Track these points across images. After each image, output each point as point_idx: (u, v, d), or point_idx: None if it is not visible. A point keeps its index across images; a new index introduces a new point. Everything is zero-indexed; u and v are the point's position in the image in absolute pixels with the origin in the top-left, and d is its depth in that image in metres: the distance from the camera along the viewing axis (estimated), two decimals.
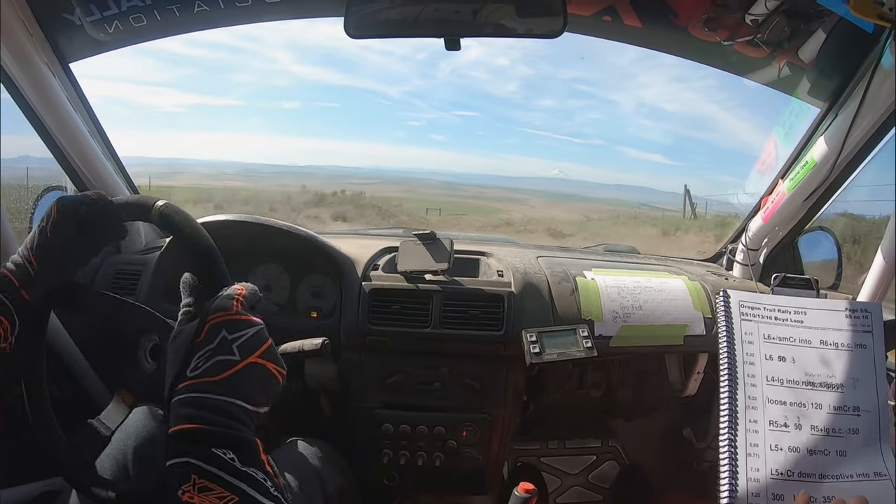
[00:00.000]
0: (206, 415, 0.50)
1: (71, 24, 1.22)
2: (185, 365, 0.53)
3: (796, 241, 1.39)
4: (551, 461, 1.44)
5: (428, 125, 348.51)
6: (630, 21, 1.25)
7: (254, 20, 1.27)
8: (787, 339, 0.89)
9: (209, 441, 0.48)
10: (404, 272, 1.18)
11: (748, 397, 0.86)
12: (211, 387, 0.51)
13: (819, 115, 1.23)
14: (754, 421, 0.85)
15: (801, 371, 0.87)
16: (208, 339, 0.53)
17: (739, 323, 0.91)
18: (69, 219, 0.69)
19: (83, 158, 1.26)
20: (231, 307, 0.55)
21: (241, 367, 0.53)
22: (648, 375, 1.32)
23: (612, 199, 42.95)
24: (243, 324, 0.55)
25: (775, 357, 0.88)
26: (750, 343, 0.89)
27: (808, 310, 0.91)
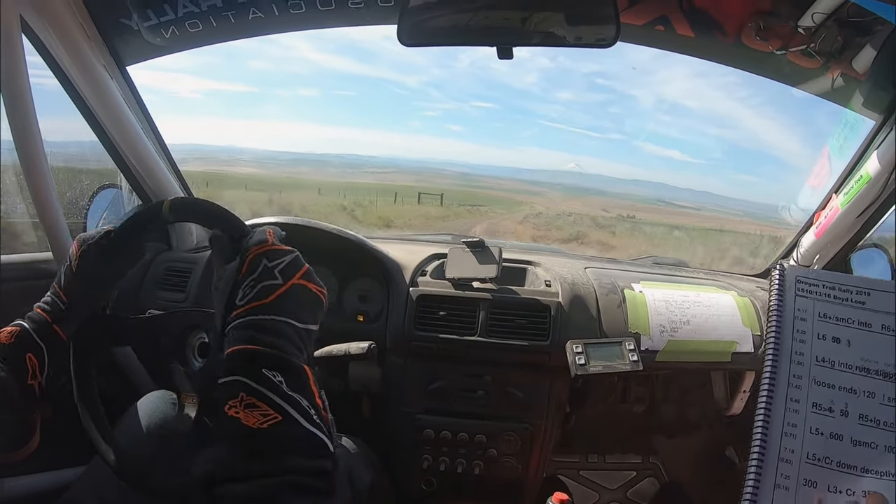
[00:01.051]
0: (259, 335, 0.53)
1: (128, 29, 1.27)
2: (234, 296, 0.56)
3: (849, 259, 1.35)
4: (590, 475, 1.42)
5: (445, 115, 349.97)
6: (683, 31, 1.24)
7: (307, 27, 1.29)
8: (845, 321, 0.84)
9: (261, 361, 0.51)
10: (452, 279, 1.18)
11: (792, 375, 0.82)
12: (261, 308, 0.55)
13: (874, 128, 1.20)
14: (795, 400, 0.81)
15: (856, 355, 0.82)
16: (251, 269, 0.57)
17: (794, 299, 0.86)
18: (92, 252, 0.73)
19: (138, 158, 1.29)
20: (267, 239, 0.60)
21: (286, 289, 0.57)
22: (693, 392, 1.29)
23: (629, 195, 42.46)
24: (280, 252, 0.59)
25: (829, 338, 0.83)
26: (802, 320, 0.85)
27: (873, 290, 0.85)
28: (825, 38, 1.16)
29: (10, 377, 0.66)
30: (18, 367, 0.68)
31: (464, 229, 9.78)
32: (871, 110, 1.22)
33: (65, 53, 1.11)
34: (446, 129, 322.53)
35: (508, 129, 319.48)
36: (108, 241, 0.74)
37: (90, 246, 0.73)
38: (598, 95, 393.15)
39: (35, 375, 0.69)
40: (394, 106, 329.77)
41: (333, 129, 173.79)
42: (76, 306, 0.73)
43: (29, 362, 0.68)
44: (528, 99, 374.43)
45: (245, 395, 0.49)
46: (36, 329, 0.70)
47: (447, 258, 1.21)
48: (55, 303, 0.72)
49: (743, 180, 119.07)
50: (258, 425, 0.48)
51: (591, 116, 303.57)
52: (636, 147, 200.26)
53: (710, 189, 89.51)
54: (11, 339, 0.68)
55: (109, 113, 1.22)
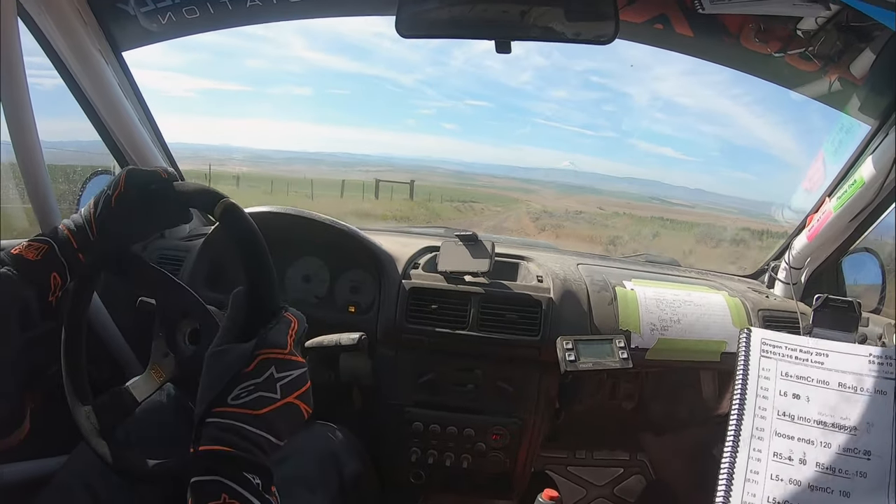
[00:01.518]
0: (240, 442, 0.52)
1: (125, 14, 1.25)
2: (227, 392, 0.54)
3: (840, 262, 1.36)
4: (578, 471, 1.43)
5: (439, 114, 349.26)
6: (682, 30, 1.23)
7: (304, 16, 1.29)
8: (805, 378, 0.91)
9: (241, 465, 0.51)
10: (444, 272, 1.18)
11: (755, 427, 0.89)
12: (249, 419, 0.53)
13: (869, 132, 1.21)
14: (758, 450, 0.88)
15: (814, 410, 0.89)
16: (256, 372, 0.55)
17: (759, 359, 0.94)
18: (135, 192, 0.69)
19: (132, 144, 1.29)
20: (285, 345, 0.57)
21: (279, 406, 0.55)
22: (682, 391, 1.30)
23: (623, 192, 42.61)
24: (292, 364, 0.57)
25: (790, 394, 0.91)
26: (766, 378, 0.92)
27: (831, 352, 0.93)
28: (824, 41, 1.17)
29: (32, 298, 0.66)
30: (42, 286, 0.67)
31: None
32: (866, 115, 1.23)
33: (60, 38, 1.11)
34: (441, 128, 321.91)
35: (503, 127, 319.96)
36: (157, 188, 0.70)
37: (137, 186, 0.70)
38: (592, 93, 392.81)
39: (55, 292, 0.69)
40: (389, 104, 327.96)
41: (328, 127, 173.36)
42: (103, 241, 0.71)
43: (53, 281, 0.68)
44: (523, 97, 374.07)
45: (227, 496, 0.49)
46: (61, 249, 0.69)
47: (440, 251, 1.21)
48: (84, 230, 0.70)
49: (736, 177, 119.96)
50: None
51: (586, 114, 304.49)
52: (630, 145, 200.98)
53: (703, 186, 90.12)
54: (39, 256, 0.68)
55: (104, 98, 1.21)
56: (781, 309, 1.25)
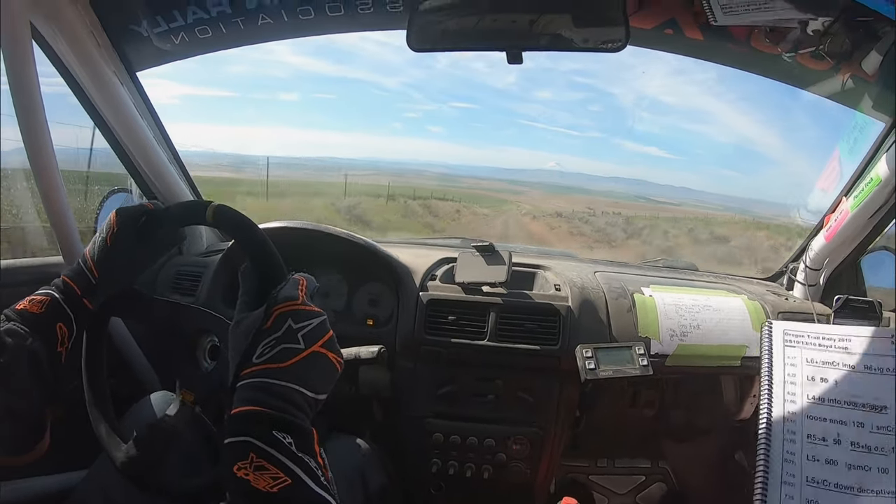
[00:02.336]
0: (269, 399, 0.51)
1: (138, 35, 1.27)
2: (251, 351, 0.54)
3: (859, 262, 1.34)
4: (599, 479, 1.41)
5: (425, 117, 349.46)
6: (692, 34, 1.23)
7: (316, 33, 1.29)
8: (831, 364, 0.92)
9: (270, 424, 0.50)
10: (462, 283, 1.18)
11: (787, 412, 0.90)
12: (276, 373, 0.53)
13: (884, 130, 1.19)
14: (792, 432, 0.89)
15: (844, 392, 0.89)
16: (275, 327, 0.55)
17: (782, 349, 0.95)
18: (129, 228, 0.72)
19: (149, 163, 1.30)
20: (297, 297, 0.57)
21: (306, 356, 0.54)
22: (703, 397, 1.28)
23: (610, 192, 42.56)
24: (308, 314, 0.57)
25: (818, 378, 0.91)
26: (792, 365, 0.93)
27: (854, 337, 0.93)
28: (835, 40, 1.16)
29: (41, 348, 0.66)
30: (49, 338, 0.67)
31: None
32: (881, 112, 1.22)
33: (75, 60, 1.12)
34: (427, 131, 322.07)
35: (488, 129, 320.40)
36: (147, 220, 0.73)
37: (128, 222, 0.72)
38: (577, 94, 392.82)
39: (63, 343, 0.69)
40: (374, 108, 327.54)
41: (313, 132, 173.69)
42: (105, 282, 0.72)
43: (59, 331, 0.68)
44: (508, 98, 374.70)
45: (255, 456, 0.48)
46: (65, 300, 0.69)
47: (457, 262, 1.21)
48: (85, 274, 0.71)
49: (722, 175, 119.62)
50: (268, 489, 0.47)
51: (571, 115, 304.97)
52: (616, 144, 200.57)
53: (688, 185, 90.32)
54: (42, 309, 0.68)
55: (120, 119, 1.23)
56: (801, 311, 1.23)
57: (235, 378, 0.54)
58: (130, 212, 0.73)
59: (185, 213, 0.76)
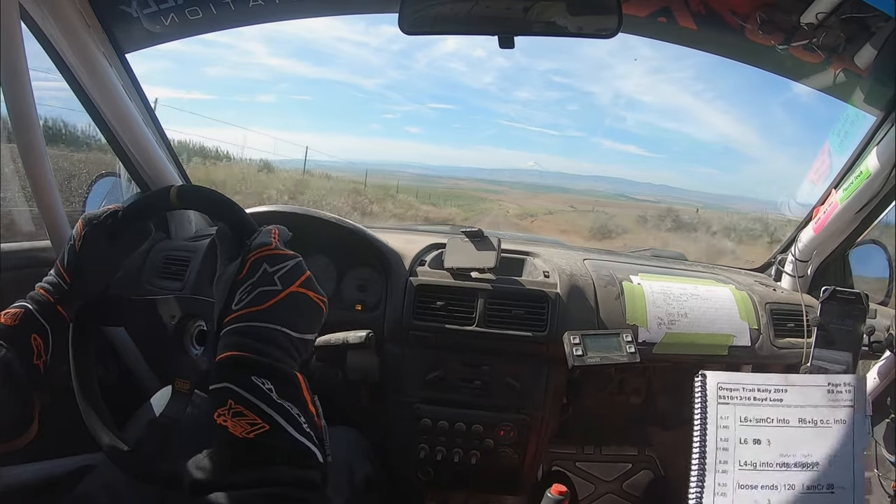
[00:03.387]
0: (250, 342, 0.51)
1: (128, 16, 1.25)
2: (230, 300, 0.55)
3: (847, 254, 1.35)
4: (586, 466, 1.42)
5: (403, 118, 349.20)
6: (685, 23, 1.23)
7: (306, 15, 1.29)
8: (765, 420, 0.91)
9: (250, 369, 0.50)
10: (451, 269, 1.18)
11: (718, 484, 0.89)
12: (255, 315, 0.53)
13: (875, 123, 1.20)
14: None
15: (775, 453, 0.89)
16: (250, 273, 0.56)
17: (716, 407, 0.93)
18: (96, 232, 0.72)
19: (137, 146, 1.29)
20: (270, 242, 0.58)
21: (284, 296, 0.55)
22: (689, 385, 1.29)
23: (589, 190, 42.68)
24: (282, 257, 0.57)
25: (750, 440, 0.91)
26: (725, 427, 0.92)
27: (790, 387, 0.93)
28: (828, 33, 1.16)
29: (15, 360, 0.66)
30: (24, 349, 0.67)
31: None
32: (872, 106, 1.23)
33: (64, 41, 1.10)
34: (405, 132, 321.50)
35: (467, 129, 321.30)
36: (113, 221, 0.73)
37: (95, 226, 0.72)
38: (555, 93, 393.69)
39: (40, 355, 0.68)
40: (352, 109, 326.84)
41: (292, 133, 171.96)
42: (79, 287, 0.72)
43: (34, 343, 0.68)
44: (487, 98, 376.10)
45: (233, 402, 0.48)
46: (39, 310, 0.69)
47: (446, 248, 1.21)
48: (58, 283, 0.71)
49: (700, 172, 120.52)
50: (244, 434, 0.47)
51: (550, 114, 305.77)
52: (595, 143, 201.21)
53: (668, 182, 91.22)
54: (15, 322, 0.67)
55: (108, 101, 1.21)
56: (788, 302, 1.24)
57: (219, 328, 0.54)
58: (96, 216, 0.73)
59: (150, 203, 0.76)
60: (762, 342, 1.17)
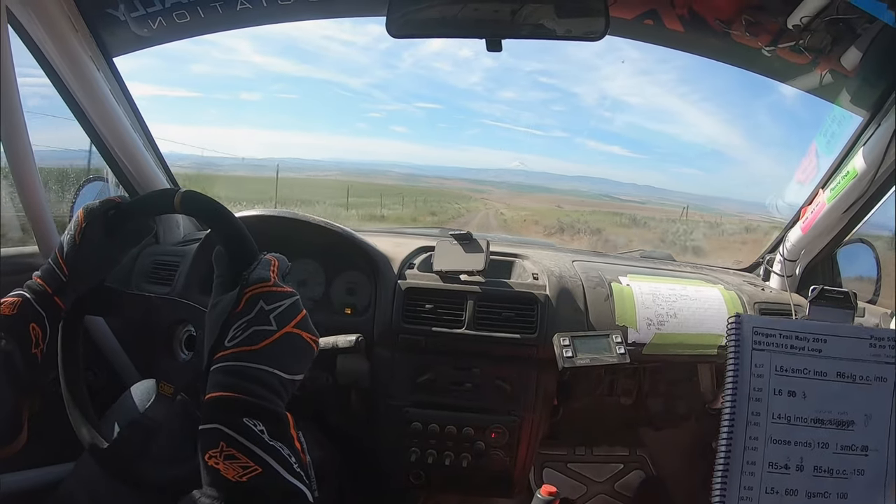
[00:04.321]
0: (242, 383, 0.51)
1: (115, 20, 1.25)
2: (224, 335, 0.54)
3: (835, 254, 1.36)
4: (578, 467, 1.43)
5: (389, 117, 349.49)
6: (672, 25, 1.23)
7: (294, 19, 1.28)
8: (801, 371, 0.85)
9: (242, 410, 0.50)
10: (440, 272, 1.18)
11: (749, 437, 0.83)
12: (248, 355, 0.52)
13: (861, 124, 1.21)
14: (752, 463, 0.82)
15: (811, 407, 0.84)
16: (246, 309, 0.54)
17: (750, 353, 0.86)
18: (97, 224, 0.72)
19: (125, 150, 1.28)
20: (268, 278, 0.57)
21: (278, 337, 0.54)
22: (680, 385, 1.30)
23: (574, 190, 42.83)
24: (280, 295, 0.56)
25: (785, 392, 0.84)
26: (759, 377, 0.85)
27: (829, 336, 0.86)
28: (815, 34, 1.17)
29: (15, 350, 0.66)
30: (23, 339, 0.67)
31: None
32: (858, 107, 1.23)
33: (51, 45, 1.10)
34: (391, 131, 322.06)
35: (453, 129, 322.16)
36: (114, 214, 0.73)
37: (96, 218, 0.72)
38: (541, 94, 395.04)
39: (38, 343, 0.68)
40: (338, 108, 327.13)
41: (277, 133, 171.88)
42: (77, 279, 0.71)
43: (32, 332, 0.68)
44: (472, 98, 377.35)
45: (225, 444, 0.48)
46: (37, 299, 0.69)
47: (435, 251, 1.21)
48: (55, 273, 0.71)
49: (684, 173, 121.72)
50: (237, 478, 0.47)
51: (535, 114, 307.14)
52: (579, 144, 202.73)
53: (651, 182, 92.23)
54: (14, 311, 0.67)
55: (96, 105, 1.21)
56: (777, 301, 1.25)
57: (209, 363, 0.53)
58: (97, 207, 0.72)
59: (152, 203, 0.76)
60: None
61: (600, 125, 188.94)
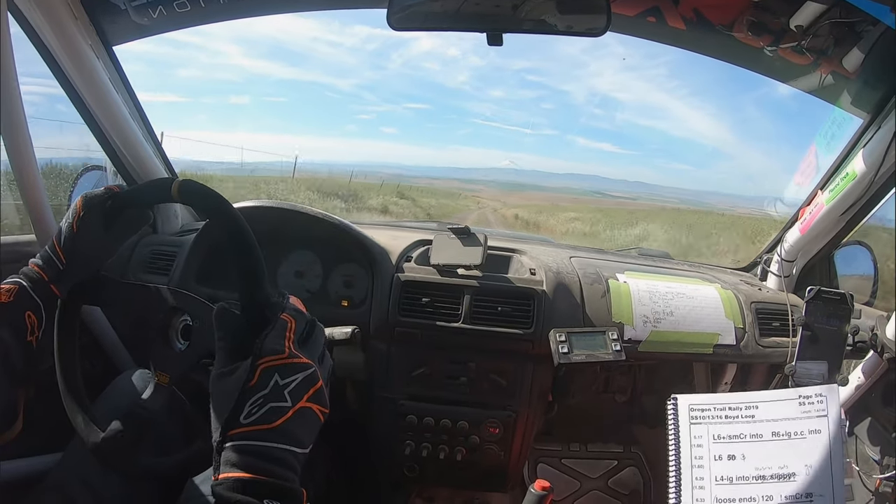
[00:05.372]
0: (261, 464, 0.50)
1: (115, 8, 1.24)
2: (238, 411, 0.52)
3: (833, 255, 1.36)
4: (572, 463, 1.43)
5: (379, 118, 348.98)
6: (674, 23, 1.23)
7: (296, 9, 1.28)
8: (738, 437, 0.92)
9: (263, 492, 0.48)
10: (437, 265, 1.18)
11: (696, 500, 0.89)
12: (265, 434, 0.51)
13: (861, 126, 1.21)
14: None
15: (751, 466, 0.89)
16: (261, 384, 0.52)
17: (689, 427, 0.94)
18: (95, 213, 0.72)
19: (123, 140, 1.28)
20: (283, 350, 0.54)
21: (292, 414, 0.52)
22: (675, 383, 1.30)
23: (565, 188, 42.79)
24: (295, 367, 0.54)
25: (725, 456, 0.91)
26: (699, 446, 0.92)
27: (760, 403, 0.93)
28: (817, 35, 1.17)
29: (11, 338, 0.66)
30: (19, 327, 0.67)
31: None
32: (859, 109, 1.23)
33: (51, 32, 1.09)
34: (381, 132, 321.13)
35: (442, 129, 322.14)
36: (112, 203, 0.73)
37: (94, 206, 0.72)
38: (530, 92, 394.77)
39: (33, 331, 0.68)
40: (328, 110, 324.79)
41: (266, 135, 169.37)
42: (74, 267, 0.71)
43: (28, 320, 0.68)
44: (462, 98, 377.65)
45: None
46: (33, 287, 0.69)
47: (432, 244, 1.21)
48: (52, 261, 0.71)
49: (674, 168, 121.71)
50: None
51: (525, 113, 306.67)
52: (570, 141, 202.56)
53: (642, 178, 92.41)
54: (11, 298, 0.67)
55: (95, 93, 1.20)
56: (774, 301, 1.25)
57: (223, 438, 0.51)
58: (96, 197, 0.72)
59: (150, 193, 0.76)
60: (747, 341, 1.18)
61: (590, 122, 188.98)
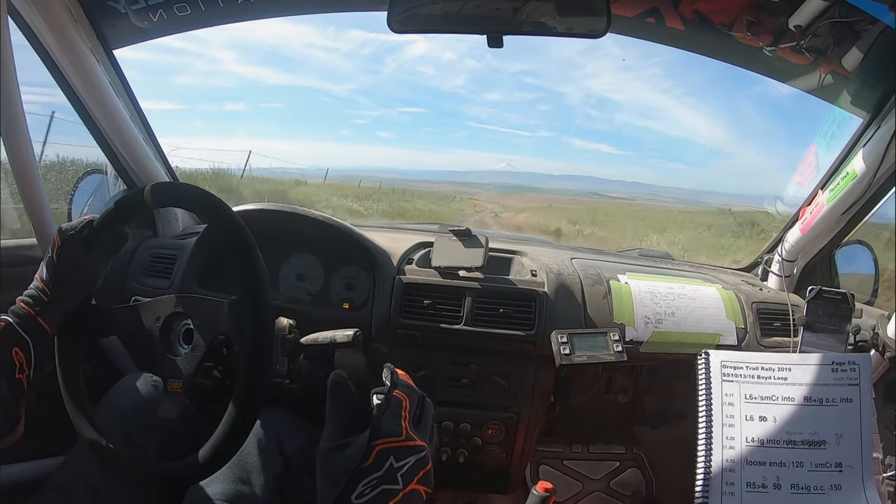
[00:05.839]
0: None
1: (115, 12, 1.24)
2: (350, 489, 0.53)
3: (833, 254, 1.37)
4: (574, 464, 1.43)
5: (374, 123, 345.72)
6: (673, 24, 1.23)
7: (297, 12, 1.28)
8: (770, 398, 0.91)
9: None
10: (438, 268, 1.18)
11: (726, 460, 0.88)
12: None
13: (861, 125, 1.21)
14: (730, 483, 0.87)
15: (782, 430, 0.89)
16: (376, 466, 0.54)
17: (720, 384, 0.93)
18: (73, 242, 0.74)
19: (124, 143, 1.28)
20: (400, 432, 0.56)
21: (402, 497, 0.54)
22: (677, 383, 1.30)
23: (563, 190, 42.77)
24: (410, 450, 0.56)
25: (756, 417, 0.90)
26: (730, 405, 0.91)
27: (793, 366, 0.92)
28: (816, 35, 1.17)
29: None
30: (5, 363, 0.67)
31: None
32: (859, 108, 1.23)
33: (51, 36, 1.09)
34: (376, 137, 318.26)
35: (438, 132, 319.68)
36: (89, 231, 0.74)
37: (71, 237, 0.73)
38: (526, 94, 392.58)
39: (22, 369, 0.69)
40: (323, 115, 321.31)
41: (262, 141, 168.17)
42: (60, 298, 0.72)
43: (15, 356, 0.68)
44: (457, 101, 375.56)
45: None
46: (20, 323, 0.70)
47: (433, 247, 1.21)
48: (38, 295, 0.71)
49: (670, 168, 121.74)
50: None
51: (520, 115, 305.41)
52: (566, 143, 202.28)
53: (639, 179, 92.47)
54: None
55: (96, 97, 1.20)
56: (775, 301, 1.25)
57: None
58: (71, 227, 0.74)
59: (123, 207, 0.76)
60: (749, 341, 1.18)
61: (586, 123, 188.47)
